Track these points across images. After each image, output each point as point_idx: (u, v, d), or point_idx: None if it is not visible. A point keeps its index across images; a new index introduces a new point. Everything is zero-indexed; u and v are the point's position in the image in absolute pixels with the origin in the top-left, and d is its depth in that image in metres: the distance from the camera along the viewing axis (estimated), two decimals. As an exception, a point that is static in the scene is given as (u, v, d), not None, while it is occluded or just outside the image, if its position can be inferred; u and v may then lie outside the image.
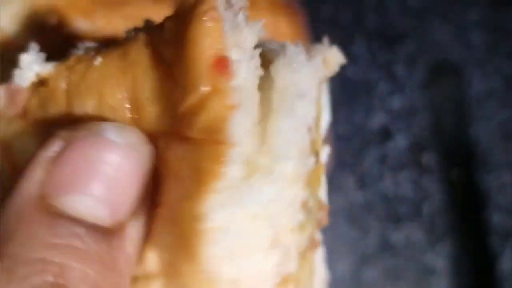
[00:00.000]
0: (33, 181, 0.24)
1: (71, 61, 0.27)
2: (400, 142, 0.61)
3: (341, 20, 0.61)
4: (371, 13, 0.62)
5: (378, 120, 0.61)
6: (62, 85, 0.27)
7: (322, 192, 0.34)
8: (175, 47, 0.24)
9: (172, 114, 0.25)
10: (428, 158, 0.62)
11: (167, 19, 0.26)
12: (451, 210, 0.62)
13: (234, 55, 0.24)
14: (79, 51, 0.28)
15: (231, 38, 0.24)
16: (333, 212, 0.59)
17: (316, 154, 0.29)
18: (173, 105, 0.24)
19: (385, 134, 0.61)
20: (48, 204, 0.23)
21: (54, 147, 0.25)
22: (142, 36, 0.26)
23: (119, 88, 0.25)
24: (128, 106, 0.26)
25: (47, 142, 0.25)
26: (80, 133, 0.25)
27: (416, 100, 0.62)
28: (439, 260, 0.61)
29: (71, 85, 0.26)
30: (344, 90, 0.61)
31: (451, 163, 0.62)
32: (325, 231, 0.59)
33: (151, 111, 0.25)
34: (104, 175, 0.24)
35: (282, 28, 0.45)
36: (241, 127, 0.24)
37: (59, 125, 0.26)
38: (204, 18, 0.23)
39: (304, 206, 0.28)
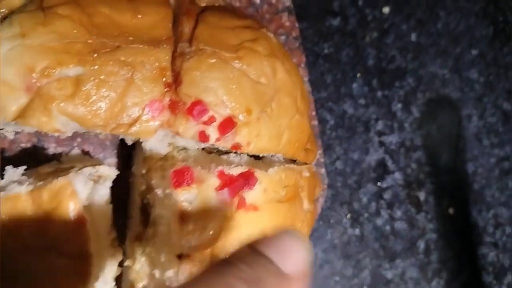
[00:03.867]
0: None
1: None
2: (397, 178, 0.62)
3: (342, 58, 0.62)
4: (371, 50, 0.62)
5: (375, 156, 0.62)
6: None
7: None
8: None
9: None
10: (425, 195, 0.62)
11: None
12: (446, 247, 0.62)
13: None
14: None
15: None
16: (329, 248, 0.60)
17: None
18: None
19: (382, 171, 0.62)
20: None
21: None
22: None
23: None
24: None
25: None
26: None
27: (413, 137, 0.63)
28: (434, 296, 0.62)
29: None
30: (342, 127, 0.61)
31: (448, 200, 0.63)
32: (320, 267, 0.60)
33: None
34: None
35: (280, 73, 0.46)
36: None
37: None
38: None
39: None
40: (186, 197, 0.40)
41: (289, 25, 0.58)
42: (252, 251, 0.32)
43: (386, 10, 0.64)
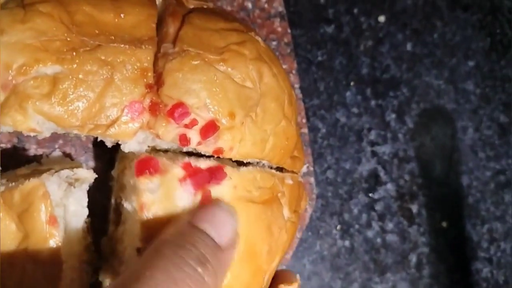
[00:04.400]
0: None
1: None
2: (389, 190, 0.61)
3: (335, 66, 0.61)
4: (366, 58, 0.61)
5: (367, 167, 0.61)
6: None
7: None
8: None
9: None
10: (417, 207, 0.61)
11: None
12: (439, 261, 0.61)
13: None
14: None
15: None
16: (317, 260, 0.59)
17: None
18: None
19: (374, 181, 0.61)
20: None
21: None
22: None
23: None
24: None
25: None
26: None
27: (407, 148, 0.61)
28: (425, 312, 0.60)
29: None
30: (334, 136, 0.60)
31: (441, 213, 0.62)
32: (308, 278, 0.59)
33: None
34: None
35: (266, 77, 0.45)
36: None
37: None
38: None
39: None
40: (148, 187, 0.39)
41: (281, 30, 0.57)
42: (192, 227, 0.36)
43: (381, 18, 0.63)
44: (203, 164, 0.40)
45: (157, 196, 0.39)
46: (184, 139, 0.40)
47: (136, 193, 0.39)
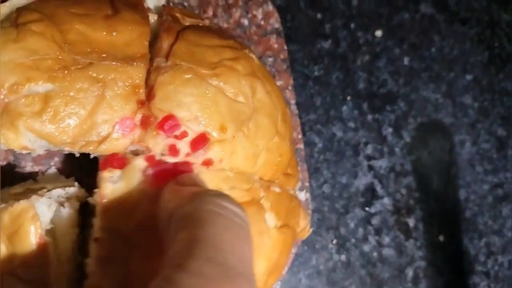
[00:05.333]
0: None
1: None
2: (386, 204, 0.61)
3: (332, 80, 0.61)
4: (362, 73, 0.62)
5: (364, 181, 0.61)
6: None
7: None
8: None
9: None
10: (414, 221, 0.61)
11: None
12: (436, 275, 0.61)
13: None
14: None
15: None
16: (313, 274, 0.59)
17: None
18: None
19: (371, 196, 0.61)
20: None
21: None
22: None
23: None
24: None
25: None
26: None
27: (404, 162, 0.62)
28: (422, 327, 0.60)
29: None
30: (331, 150, 0.60)
31: (438, 227, 0.62)
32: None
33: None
34: None
35: (259, 93, 0.45)
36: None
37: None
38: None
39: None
40: (109, 178, 0.39)
41: (277, 47, 0.58)
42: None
43: (378, 33, 0.63)
44: (170, 160, 0.40)
45: (117, 186, 0.39)
46: (173, 150, 0.40)
47: (98, 187, 0.39)
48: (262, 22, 0.57)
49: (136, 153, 0.41)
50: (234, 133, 0.42)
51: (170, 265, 0.30)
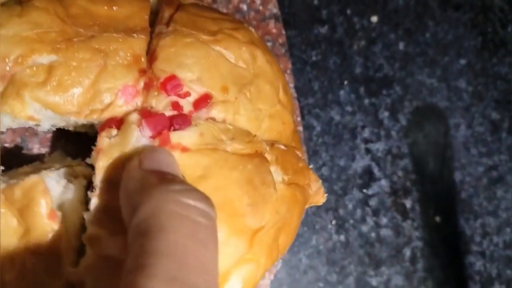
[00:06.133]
0: None
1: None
2: (383, 186, 0.62)
3: (329, 65, 0.62)
4: (359, 58, 0.63)
5: (361, 163, 0.62)
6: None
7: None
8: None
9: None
10: (411, 203, 0.62)
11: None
12: (432, 255, 0.62)
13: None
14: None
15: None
16: (313, 254, 0.60)
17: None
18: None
19: (369, 178, 0.62)
20: None
21: None
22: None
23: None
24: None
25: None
26: None
27: (400, 145, 0.62)
28: (420, 305, 0.61)
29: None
30: (329, 134, 0.61)
31: (434, 208, 0.62)
32: (304, 272, 0.59)
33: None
34: None
35: (260, 61, 0.46)
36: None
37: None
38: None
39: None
40: (106, 135, 0.39)
41: (276, 32, 0.59)
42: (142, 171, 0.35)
43: (374, 19, 0.64)
44: (168, 113, 0.40)
45: (114, 140, 0.39)
46: (176, 106, 0.40)
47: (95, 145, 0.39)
48: (261, 8, 0.58)
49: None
50: (236, 94, 0.43)
51: (127, 276, 0.29)
